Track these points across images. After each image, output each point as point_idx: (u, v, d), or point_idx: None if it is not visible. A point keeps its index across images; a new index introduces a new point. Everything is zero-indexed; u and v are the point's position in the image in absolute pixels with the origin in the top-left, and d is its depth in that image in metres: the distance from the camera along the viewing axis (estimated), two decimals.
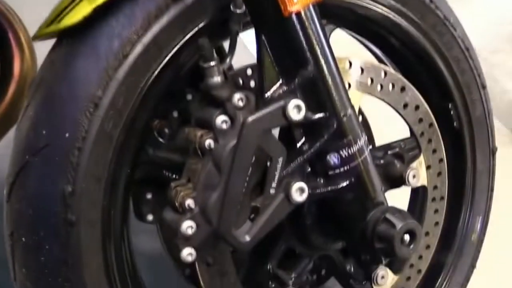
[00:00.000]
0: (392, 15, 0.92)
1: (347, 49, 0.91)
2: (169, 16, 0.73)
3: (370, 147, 0.85)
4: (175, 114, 0.86)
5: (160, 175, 0.83)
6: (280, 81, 0.73)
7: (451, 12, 0.99)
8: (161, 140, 0.82)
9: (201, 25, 0.76)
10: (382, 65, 0.94)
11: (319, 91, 0.73)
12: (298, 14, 0.71)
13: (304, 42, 0.72)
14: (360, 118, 0.89)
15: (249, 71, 0.85)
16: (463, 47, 1.00)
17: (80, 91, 0.70)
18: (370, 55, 1.05)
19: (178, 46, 0.75)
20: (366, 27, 0.94)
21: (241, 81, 0.84)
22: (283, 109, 0.71)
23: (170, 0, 0.73)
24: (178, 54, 0.75)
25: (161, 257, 0.96)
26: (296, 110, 0.71)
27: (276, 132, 0.77)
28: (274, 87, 0.73)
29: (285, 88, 0.73)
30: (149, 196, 0.85)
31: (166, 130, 0.84)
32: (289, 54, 0.73)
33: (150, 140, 0.82)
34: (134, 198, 0.85)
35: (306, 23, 0.72)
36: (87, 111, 0.69)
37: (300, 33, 0.72)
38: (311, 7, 0.72)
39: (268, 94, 0.73)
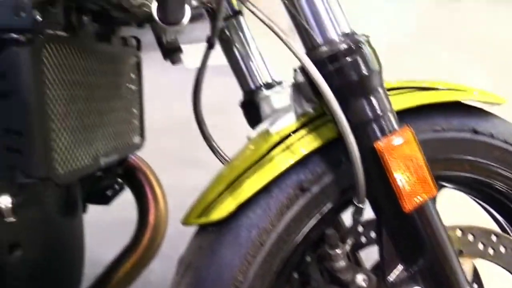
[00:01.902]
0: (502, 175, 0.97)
1: None
2: (298, 205, 0.84)
3: None
4: (295, 275, 0.95)
5: None
6: (401, 266, 0.81)
7: None
8: None
9: (325, 209, 0.86)
10: (491, 229, 0.98)
11: (438, 277, 0.80)
12: (416, 210, 0.79)
13: (423, 233, 0.79)
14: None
15: (360, 229, 0.94)
16: None
17: (225, 276, 0.81)
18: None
19: (304, 229, 0.85)
20: (476, 189, 0.99)
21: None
22: None
23: (299, 191, 0.84)
24: (305, 237, 0.85)
25: None
26: None
27: None
28: (396, 272, 0.81)
29: (405, 274, 0.80)
30: None
31: None
32: (409, 243, 0.80)
33: None
34: None
35: (424, 217, 0.79)
36: None
37: (419, 226, 0.79)
38: (428, 201, 0.80)
39: (390, 278, 0.80)
